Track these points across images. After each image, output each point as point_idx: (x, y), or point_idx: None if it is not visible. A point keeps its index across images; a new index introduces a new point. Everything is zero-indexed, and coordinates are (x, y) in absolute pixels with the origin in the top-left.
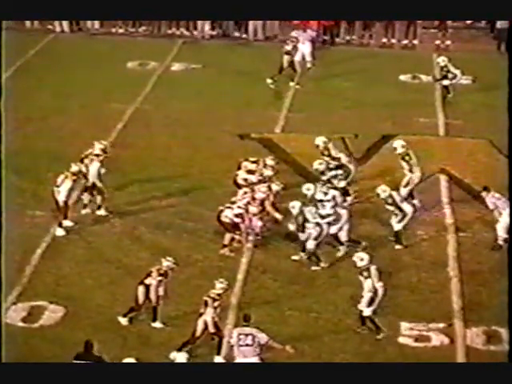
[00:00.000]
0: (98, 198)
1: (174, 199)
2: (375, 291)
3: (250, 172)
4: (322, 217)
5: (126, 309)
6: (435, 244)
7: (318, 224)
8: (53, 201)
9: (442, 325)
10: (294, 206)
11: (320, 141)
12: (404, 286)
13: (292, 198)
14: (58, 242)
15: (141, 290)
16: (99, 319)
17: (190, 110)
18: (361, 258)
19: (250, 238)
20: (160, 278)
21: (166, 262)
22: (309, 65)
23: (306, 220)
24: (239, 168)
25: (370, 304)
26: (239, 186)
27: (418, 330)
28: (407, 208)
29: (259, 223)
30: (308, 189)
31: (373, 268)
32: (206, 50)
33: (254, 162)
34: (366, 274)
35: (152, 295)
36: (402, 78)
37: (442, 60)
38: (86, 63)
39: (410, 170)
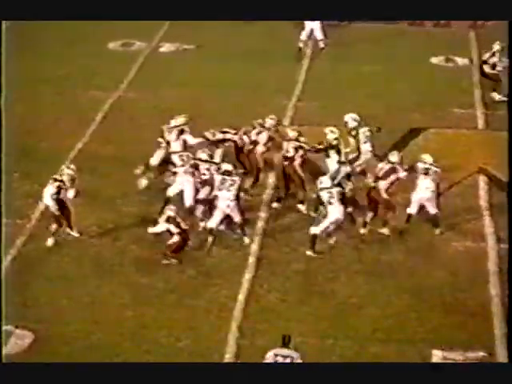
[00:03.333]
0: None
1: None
2: None
3: None
4: None
5: (109, 334)
6: (473, 257)
7: None
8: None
9: (481, 354)
10: None
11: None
12: (436, 307)
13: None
14: (26, 256)
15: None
16: (76, 347)
17: (182, 99)
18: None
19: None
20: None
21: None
22: (321, 44)
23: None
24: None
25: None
26: None
27: (452, 359)
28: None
29: None
30: None
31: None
32: (201, 27)
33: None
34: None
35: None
36: (434, 60)
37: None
38: (59, 43)
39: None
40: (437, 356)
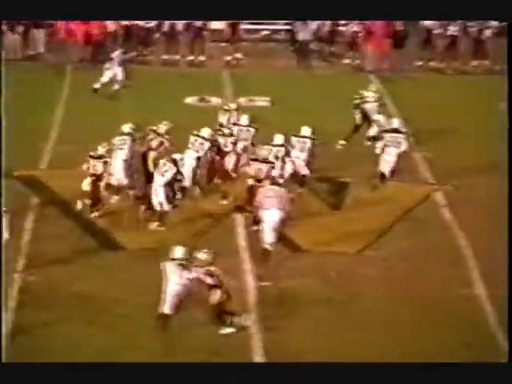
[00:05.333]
0: None
1: None
2: None
3: None
4: None
5: None
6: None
7: None
8: None
9: None
10: None
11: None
12: None
13: None
14: None
15: None
16: None
17: None
18: None
19: None
20: None
21: None
22: (117, 86)
23: None
24: None
25: None
26: None
27: None
28: None
29: None
30: None
31: None
32: None
33: None
34: None
35: None
36: (189, 100)
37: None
38: None
39: None
40: None
